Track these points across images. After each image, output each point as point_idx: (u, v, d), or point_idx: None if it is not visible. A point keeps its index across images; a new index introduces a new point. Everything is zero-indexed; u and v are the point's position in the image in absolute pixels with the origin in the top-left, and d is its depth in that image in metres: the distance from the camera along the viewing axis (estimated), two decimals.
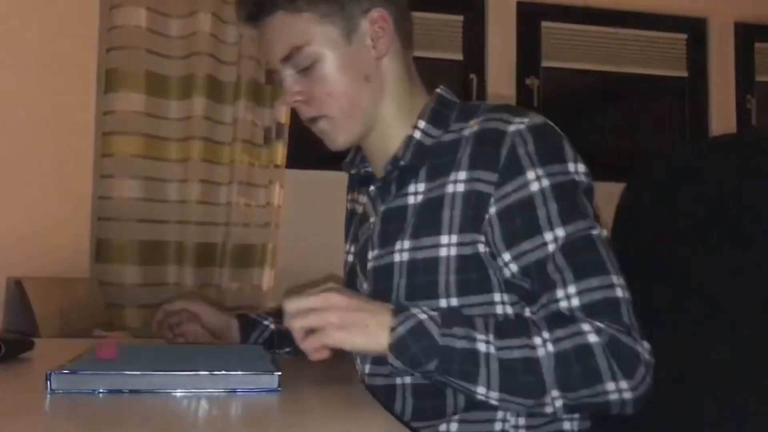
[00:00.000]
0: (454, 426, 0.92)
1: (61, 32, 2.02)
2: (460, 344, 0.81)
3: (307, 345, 0.82)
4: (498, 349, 0.82)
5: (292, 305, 0.83)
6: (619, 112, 3.26)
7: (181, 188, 2.35)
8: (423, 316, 0.82)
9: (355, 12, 0.96)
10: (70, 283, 2.02)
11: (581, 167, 0.91)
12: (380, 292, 0.97)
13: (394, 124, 1.00)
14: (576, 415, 0.96)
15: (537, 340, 0.82)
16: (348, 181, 1.18)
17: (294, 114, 1.32)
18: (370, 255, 1.00)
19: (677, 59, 3.03)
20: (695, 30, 3.03)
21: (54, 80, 1.97)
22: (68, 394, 0.78)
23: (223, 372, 0.81)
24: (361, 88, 0.97)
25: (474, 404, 0.90)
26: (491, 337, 0.82)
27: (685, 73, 3.04)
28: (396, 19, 0.99)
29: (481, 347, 0.81)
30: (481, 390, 0.82)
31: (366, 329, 0.82)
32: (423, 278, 0.93)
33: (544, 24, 2.92)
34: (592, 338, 0.81)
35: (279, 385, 0.82)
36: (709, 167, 0.96)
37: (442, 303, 0.92)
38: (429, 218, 0.94)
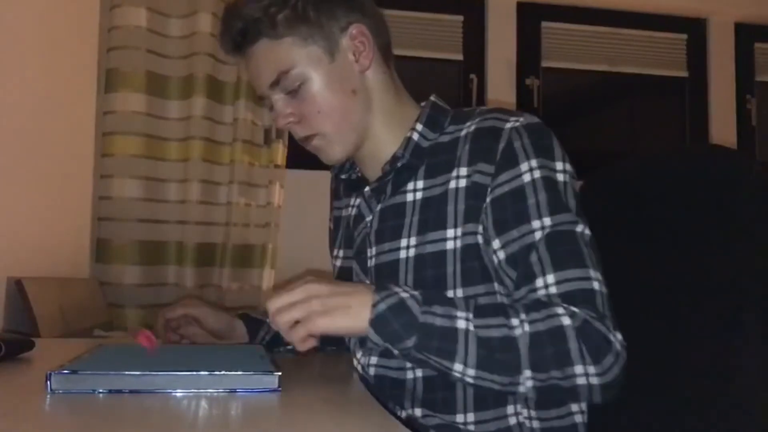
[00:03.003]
0: (470, 416, 0.94)
1: (61, 32, 2.03)
2: (440, 322, 0.83)
3: (294, 337, 0.83)
4: (477, 327, 0.83)
5: (273, 304, 0.84)
6: (619, 112, 3.26)
7: (181, 188, 2.35)
8: (405, 294, 0.84)
9: (334, 30, 0.99)
10: (70, 283, 2.02)
11: (569, 167, 0.95)
12: None
13: (385, 131, 1.03)
14: (584, 407, 0.98)
15: (514, 321, 0.84)
16: (333, 188, 1.20)
17: None
18: (369, 253, 1.02)
19: (677, 59, 3.03)
20: (695, 30, 3.03)
21: (54, 80, 1.97)
22: (68, 394, 0.78)
23: (223, 372, 0.81)
24: (349, 102, 1.00)
25: (483, 398, 0.93)
26: (470, 315, 0.84)
27: (685, 73, 3.04)
28: (374, 31, 1.02)
29: (461, 324, 0.83)
30: (457, 367, 0.83)
31: (349, 310, 0.83)
32: (431, 271, 0.95)
33: (544, 24, 2.92)
34: (566, 321, 0.83)
35: (279, 385, 0.82)
36: (655, 178, 1.00)
37: (450, 294, 0.94)
38: (434, 214, 0.96)
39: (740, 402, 0.83)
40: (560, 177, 0.93)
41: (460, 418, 0.94)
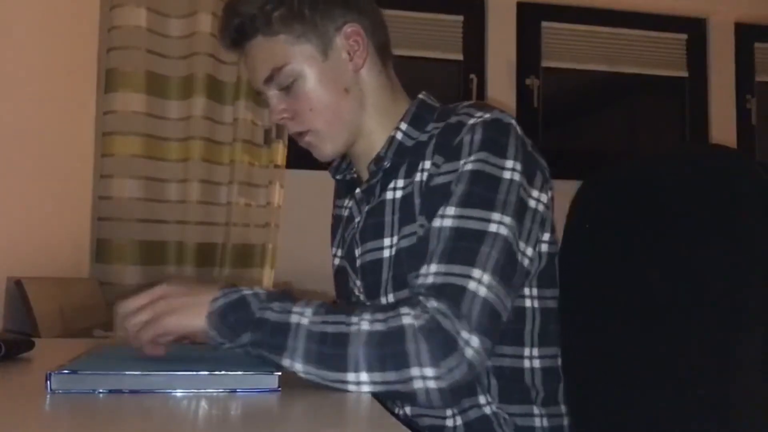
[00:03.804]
0: (458, 419, 0.94)
1: (61, 32, 2.03)
2: (274, 317, 0.82)
3: (141, 339, 0.84)
4: (311, 322, 0.82)
5: (122, 308, 0.86)
6: (618, 113, 3.26)
7: (181, 188, 2.35)
8: (247, 292, 0.84)
9: (328, 29, 1.00)
10: (70, 283, 2.02)
11: (520, 167, 0.91)
12: (370, 286, 1.00)
13: (378, 130, 1.04)
14: (563, 410, 0.98)
15: (354, 319, 0.82)
16: (335, 188, 1.20)
17: None
18: (357, 253, 1.04)
19: (677, 59, 3.03)
20: (695, 30, 3.03)
21: (54, 80, 1.97)
22: (68, 394, 0.78)
23: (223, 372, 0.81)
24: (341, 100, 1.01)
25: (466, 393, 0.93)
26: (308, 312, 0.82)
27: (685, 73, 3.04)
28: (370, 31, 1.03)
29: (294, 319, 0.82)
30: (286, 362, 0.82)
31: (194, 308, 0.84)
32: (407, 266, 0.95)
33: (544, 24, 2.92)
34: (407, 321, 0.81)
35: (279, 385, 0.82)
36: (655, 178, 0.99)
37: None
38: (407, 211, 0.97)
39: (740, 403, 0.83)
40: (505, 174, 0.90)
41: (449, 422, 0.94)
